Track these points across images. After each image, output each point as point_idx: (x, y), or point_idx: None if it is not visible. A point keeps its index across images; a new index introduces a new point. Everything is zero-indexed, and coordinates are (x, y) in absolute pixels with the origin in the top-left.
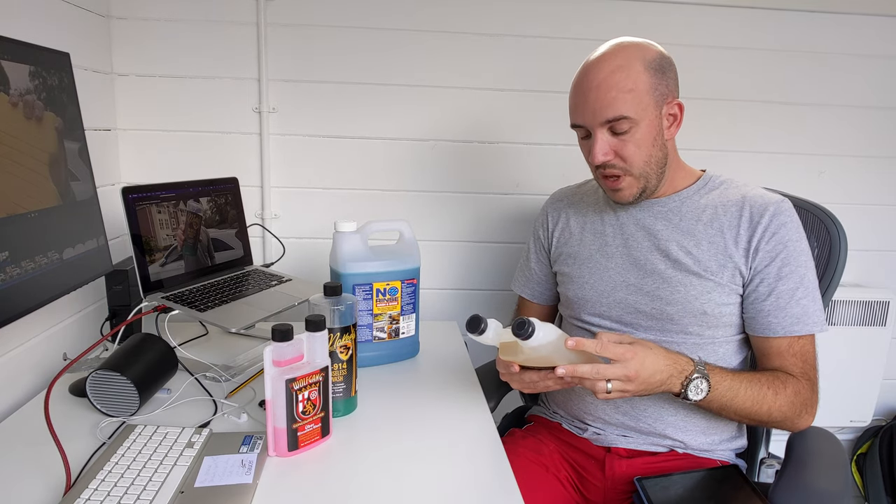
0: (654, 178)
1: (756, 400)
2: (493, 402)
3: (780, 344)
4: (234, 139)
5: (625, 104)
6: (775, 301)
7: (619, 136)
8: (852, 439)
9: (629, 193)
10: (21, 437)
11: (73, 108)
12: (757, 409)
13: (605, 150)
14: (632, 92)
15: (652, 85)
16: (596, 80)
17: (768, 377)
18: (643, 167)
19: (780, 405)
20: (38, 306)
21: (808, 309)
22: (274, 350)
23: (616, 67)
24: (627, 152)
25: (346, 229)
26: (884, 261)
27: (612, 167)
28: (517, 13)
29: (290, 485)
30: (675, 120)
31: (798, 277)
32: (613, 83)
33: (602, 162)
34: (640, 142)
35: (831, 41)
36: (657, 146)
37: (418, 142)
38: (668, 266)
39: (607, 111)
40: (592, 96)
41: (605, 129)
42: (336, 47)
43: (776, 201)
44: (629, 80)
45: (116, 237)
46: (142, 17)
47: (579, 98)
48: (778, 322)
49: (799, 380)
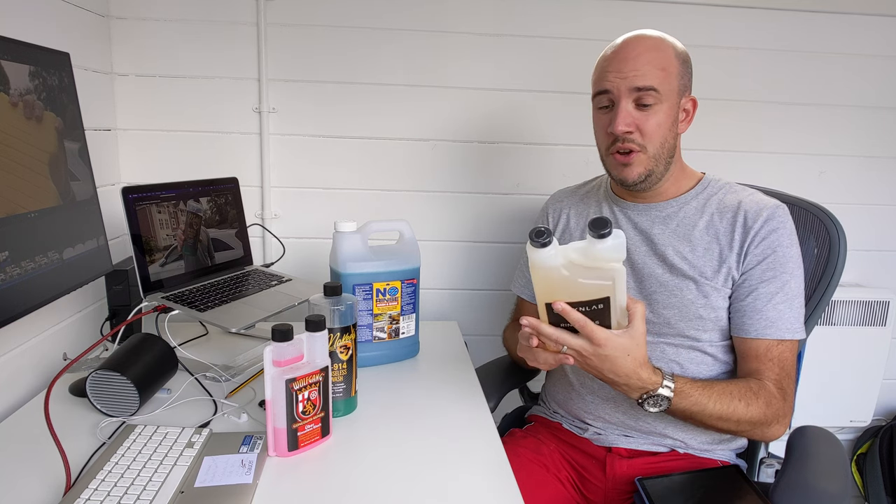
0: (661, 165)
1: (724, 413)
2: (493, 402)
3: (758, 346)
4: (234, 139)
5: (656, 79)
6: (752, 302)
7: (641, 111)
8: (852, 439)
9: (637, 172)
10: (21, 437)
11: (73, 108)
12: (725, 421)
13: (629, 121)
14: (664, 70)
15: (679, 72)
16: (635, 52)
17: (741, 388)
18: (658, 148)
19: (751, 416)
20: (38, 306)
21: (783, 314)
22: (274, 350)
23: (653, 46)
24: (648, 127)
25: (346, 229)
26: (884, 261)
27: (630, 141)
28: (518, 13)
29: (290, 485)
30: (687, 115)
31: (780, 283)
32: (650, 58)
33: (623, 132)
34: (661, 121)
35: (831, 41)
36: (671, 133)
37: (418, 142)
38: (665, 271)
39: (641, 79)
40: (629, 65)
41: (631, 99)
42: (336, 47)
43: (771, 206)
44: (664, 60)
45: (116, 237)
46: (142, 17)
47: (612, 65)
48: (751, 323)
49: (771, 390)
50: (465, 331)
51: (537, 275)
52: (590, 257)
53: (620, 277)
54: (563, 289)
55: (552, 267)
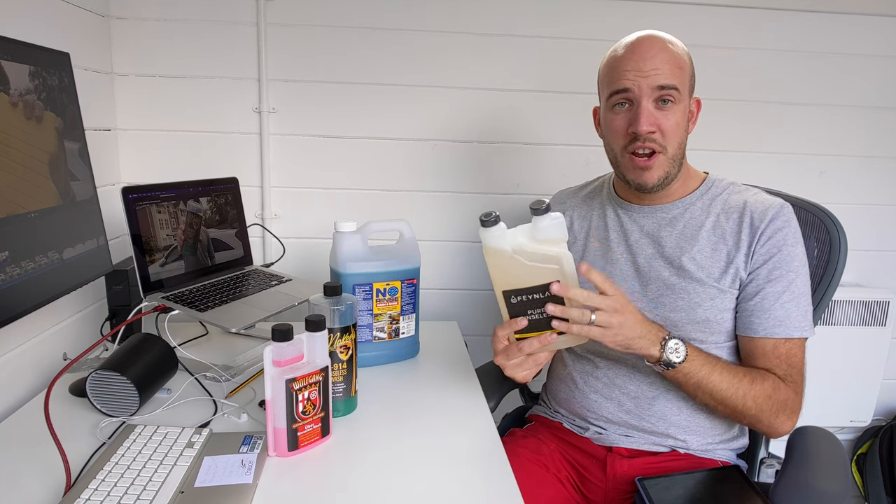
0: (676, 167)
1: (732, 384)
2: (493, 402)
3: (764, 345)
4: (234, 139)
5: (676, 77)
6: (760, 302)
7: (662, 110)
8: (852, 439)
9: (657, 175)
10: (21, 437)
11: (73, 108)
12: (733, 395)
13: (652, 120)
14: (681, 69)
15: (691, 72)
16: (652, 51)
17: (747, 369)
18: (676, 149)
19: (756, 395)
20: (38, 306)
21: (790, 313)
22: (274, 350)
23: (668, 45)
24: (669, 126)
25: (346, 229)
26: (884, 261)
27: (651, 141)
28: (518, 13)
29: (290, 485)
30: (692, 116)
31: (787, 282)
32: (667, 56)
33: (647, 132)
34: (679, 121)
35: (831, 41)
36: (685, 134)
37: (418, 142)
38: (671, 273)
39: (662, 77)
40: (649, 64)
41: (652, 98)
42: (336, 47)
43: (777, 206)
44: (679, 59)
45: (116, 237)
46: (142, 17)
47: (630, 64)
48: (760, 323)
49: (781, 379)
50: (465, 331)
51: (491, 261)
52: (535, 240)
53: (567, 261)
54: (515, 275)
55: (502, 249)
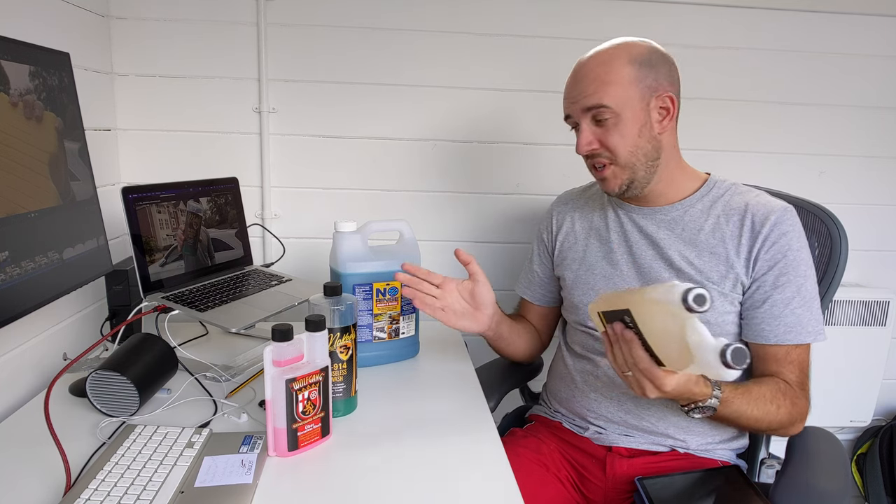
0: (641, 170)
1: (759, 416)
2: (493, 402)
3: (777, 351)
4: (234, 139)
5: (606, 95)
6: (769, 309)
7: (601, 126)
8: (852, 439)
9: (615, 183)
10: (21, 437)
11: (73, 108)
12: (758, 423)
13: (589, 140)
14: (612, 84)
15: (636, 78)
16: (581, 73)
17: (772, 391)
18: (628, 157)
19: (781, 418)
20: (38, 306)
21: (801, 318)
22: (274, 350)
23: (600, 62)
24: (611, 142)
25: (346, 229)
26: (884, 261)
27: (598, 156)
28: (517, 13)
29: (290, 485)
30: (667, 113)
31: (795, 287)
32: (595, 75)
33: (587, 151)
34: (623, 132)
35: (831, 41)
36: (644, 138)
37: (418, 142)
38: (671, 275)
39: (587, 100)
40: (577, 88)
41: (587, 118)
42: (336, 47)
43: (779, 209)
44: (610, 73)
45: (116, 237)
46: (142, 17)
47: (567, 90)
48: (771, 330)
49: (796, 390)
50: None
51: (657, 309)
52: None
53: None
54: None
55: (677, 317)
